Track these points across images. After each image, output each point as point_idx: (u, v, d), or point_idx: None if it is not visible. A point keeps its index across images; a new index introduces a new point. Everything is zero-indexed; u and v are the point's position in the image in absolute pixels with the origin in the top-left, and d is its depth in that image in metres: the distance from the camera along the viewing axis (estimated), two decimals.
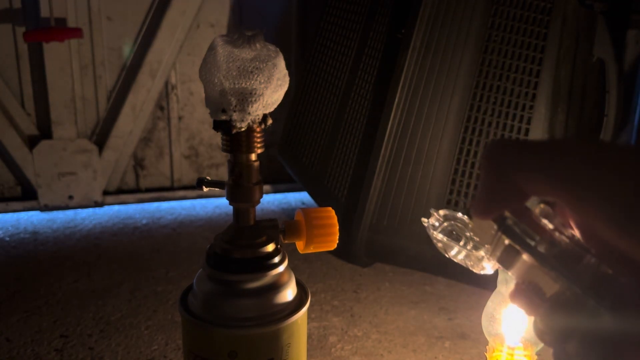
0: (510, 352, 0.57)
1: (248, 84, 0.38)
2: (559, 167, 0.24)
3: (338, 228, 0.44)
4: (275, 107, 0.41)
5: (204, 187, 0.44)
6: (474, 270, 0.33)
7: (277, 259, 0.42)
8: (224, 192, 0.42)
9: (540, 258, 0.26)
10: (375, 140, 0.93)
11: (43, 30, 1.11)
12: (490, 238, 0.28)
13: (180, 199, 1.31)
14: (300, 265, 0.99)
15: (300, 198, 1.36)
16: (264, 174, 0.49)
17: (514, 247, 0.27)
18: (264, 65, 0.38)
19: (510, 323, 0.57)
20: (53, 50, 1.15)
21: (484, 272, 0.33)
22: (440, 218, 0.34)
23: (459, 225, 0.34)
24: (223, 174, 1.24)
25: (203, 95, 0.41)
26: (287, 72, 0.41)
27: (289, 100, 1.20)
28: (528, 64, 0.87)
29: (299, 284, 0.44)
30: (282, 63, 0.40)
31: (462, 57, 0.89)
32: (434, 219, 0.34)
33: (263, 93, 0.39)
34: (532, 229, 0.27)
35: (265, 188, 1.30)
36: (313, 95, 1.15)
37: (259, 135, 0.41)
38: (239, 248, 0.42)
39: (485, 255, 0.32)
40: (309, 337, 0.78)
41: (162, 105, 1.28)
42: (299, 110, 1.18)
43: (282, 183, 1.36)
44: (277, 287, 0.42)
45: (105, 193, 1.26)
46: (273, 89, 0.39)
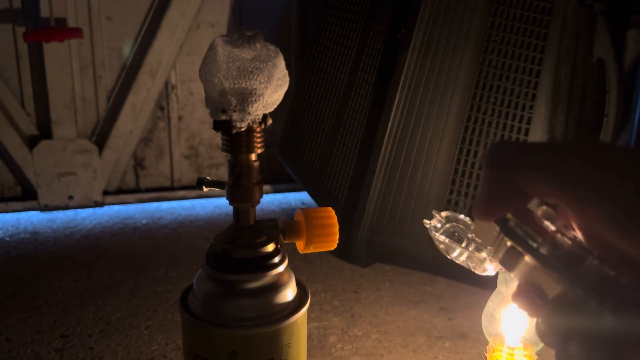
0: (510, 352, 0.57)
1: (248, 84, 0.38)
2: (559, 167, 0.24)
3: (338, 228, 0.44)
4: (275, 107, 0.41)
5: (204, 187, 0.44)
6: (476, 272, 0.33)
7: (277, 259, 0.42)
8: (224, 192, 0.42)
9: (543, 260, 0.26)
10: (375, 140, 0.93)
11: (43, 30, 1.11)
12: (493, 240, 0.28)
13: (180, 199, 1.31)
14: (300, 265, 0.99)
15: (300, 198, 1.36)
16: (264, 174, 0.49)
17: (516, 248, 0.27)
18: (264, 65, 0.38)
19: (510, 323, 0.57)
20: (53, 50, 1.15)
21: (486, 273, 0.33)
22: (443, 219, 0.34)
23: (461, 227, 0.34)
24: (223, 174, 1.24)
25: (203, 95, 0.41)
26: (287, 72, 0.41)
27: (289, 100, 1.20)
28: (528, 64, 0.87)
29: (299, 284, 0.44)
30: (282, 63, 0.40)
31: (462, 57, 0.89)
32: (436, 221, 0.34)
33: (263, 93, 0.39)
34: (534, 231, 0.27)
35: (265, 188, 1.30)
36: (313, 95, 1.15)
37: (259, 135, 0.41)
38: (239, 248, 0.42)
39: (488, 257, 0.32)
40: (309, 337, 0.78)
41: (162, 105, 1.28)
42: (299, 110, 1.18)
43: (282, 183, 1.36)
44: (277, 287, 0.42)
45: (105, 193, 1.26)
46: (273, 89, 0.39)
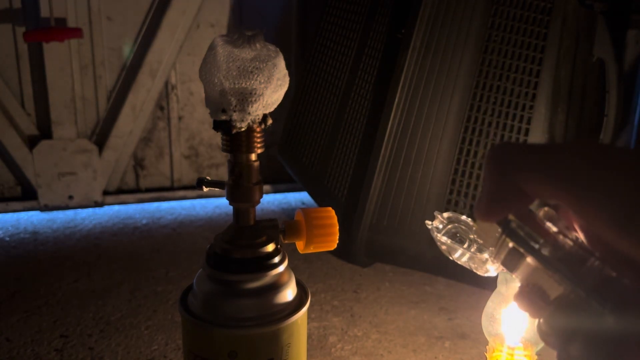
0: (510, 352, 0.57)
1: (248, 84, 0.38)
2: (559, 167, 0.24)
3: (338, 228, 0.44)
4: (275, 107, 0.41)
5: (204, 187, 0.44)
6: (478, 273, 0.33)
7: (277, 259, 0.42)
8: (224, 192, 0.42)
9: (544, 261, 0.26)
10: (375, 140, 0.93)
11: (43, 30, 1.11)
12: (494, 241, 0.28)
13: (180, 199, 1.31)
14: (300, 265, 0.99)
15: (300, 198, 1.36)
16: (264, 174, 0.49)
17: (518, 250, 0.27)
18: (264, 65, 0.38)
19: (510, 323, 0.57)
20: (53, 50, 1.15)
21: (488, 274, 0.33)
22: (444, 220, 0.34)
23: (463, 228, 0.34)
24: (223, 174, 1.24)
25: (203, 95, 0.41)
26: (287, 72, 0.41)
27: (289, 100, 1.20)
28: (528, 64, 0.87)
29: (299, 284, 0.44)
30: (282, 63, 0.40)
31: (462, 57, 0.89)
32: (438, 222, 0.34)
33: (263, 93, 0.39)
34: (536, 232, 0.27)
35: (265, 188, 1.30)
36: (313, 95, 1.15)
37: (259, 135, 0.41)
38: (239, 248, 0.42)
39: (489, 258, 0.32)
40: (309, 337, 0.78)
41: (162, 105, 1.28)
42: (299, 110, 1.18)
43: (282, 183, 1.36)
44: (277, 287, 0.42)
45: (105, 193, 1.26)
46: (273, 89, 0.39)
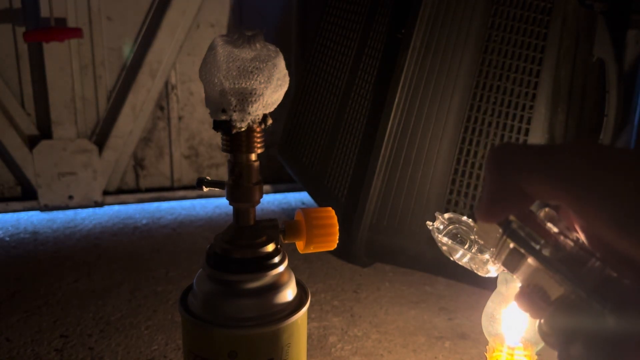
0: (510, 352, 0.57)
1: (248, 84, 0.38)
2: (559, 167, 0.24)
3: (338, 228, 0.44)
4: (275, 107, 0.41)
5: (204, 187, 0.44)
6: (479, 274, 0.33)
7: (277, 259, 0.42)
8: (224, 192, 0.42)
9: (545, 261, 0.26)
10: (375, 140, 0.93)
11: (43, 30, 1.11)
12: (495, 241, 0.28)
13: (180, 199, 1.31)
14: (300, 265, 0.99)
15: (300, 198, 1.36)
16: (264, 174, 0.49)
17: (519, 250, 0.27)
18: (264, 65, 0.38)
19: (510, 323, 0.57)
20: (53, 50, 1.15)
21: (489, 275, 0.33)
22: (445, 221, 0.34)
23: (464, 229, 0.34)
24: (223, 174, 1.24)
25: (203, 95, 0.41)
26: (287, 72, 0.41)
27: (289, 100, 1.20)
28: (528, 64, 0.87)
29: (299, 284, 0.44)
30: (282, 63, 0.40)
31: (462, 57, 0.89)
32: (439, 222, 0.34)
33: (263, 93, 0.39)
34: (536, 233, 0.27)
35: (265, 188, 1.30)
36: (313, 95, 1.15)
37: (259, 135, 0.41)
38: (239, 248, 0.42)
39: (490, 259, 0.32)
40: (309, 337, 0.78)
41: (162, 105, 1.28)
42: (299, 110, 1.18)
43: (282, 183, 1.36)
44: (277, 287, 0.42)
45: (105, 193, 1.26)
46: (273, 89, 0.39)
